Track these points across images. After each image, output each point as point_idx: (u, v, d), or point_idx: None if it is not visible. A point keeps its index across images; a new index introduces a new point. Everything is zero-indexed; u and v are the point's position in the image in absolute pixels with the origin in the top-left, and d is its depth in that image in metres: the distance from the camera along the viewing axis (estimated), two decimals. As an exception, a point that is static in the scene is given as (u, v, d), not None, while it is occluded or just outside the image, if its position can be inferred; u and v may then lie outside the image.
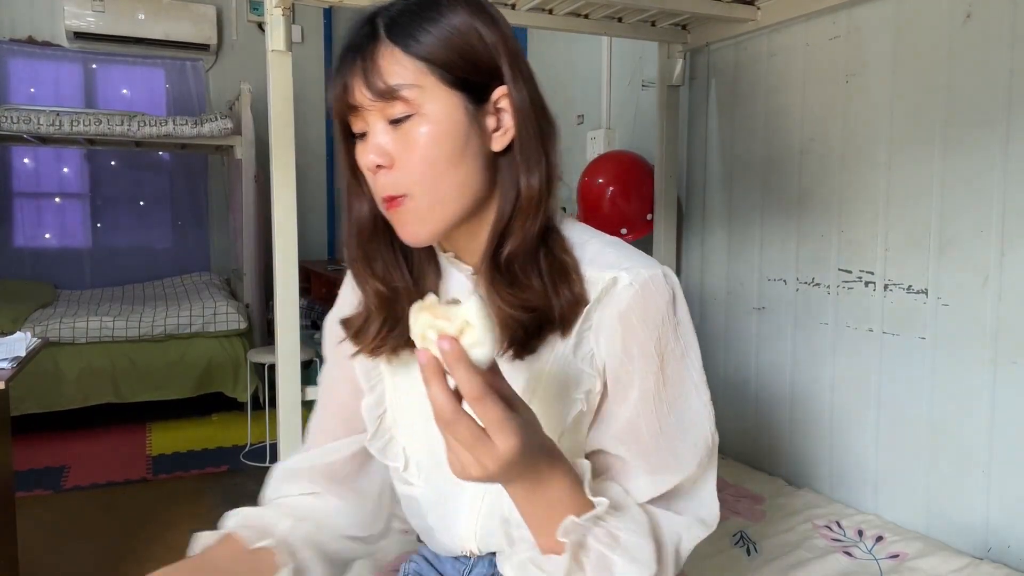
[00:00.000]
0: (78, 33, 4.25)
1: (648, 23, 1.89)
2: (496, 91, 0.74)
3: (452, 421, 0.59)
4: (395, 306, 0.81)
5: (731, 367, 1.97)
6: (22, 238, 4.47)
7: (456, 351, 0.58)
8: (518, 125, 0.74)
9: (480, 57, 0.73)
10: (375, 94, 0.71)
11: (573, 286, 0.75)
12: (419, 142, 0.71)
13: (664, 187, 2.06)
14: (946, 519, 1.42)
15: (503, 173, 0.76)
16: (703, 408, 0.76)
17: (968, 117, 1.36)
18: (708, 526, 0.77)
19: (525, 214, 0.74)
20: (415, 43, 0.71)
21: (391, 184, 0.72)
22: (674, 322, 0.75)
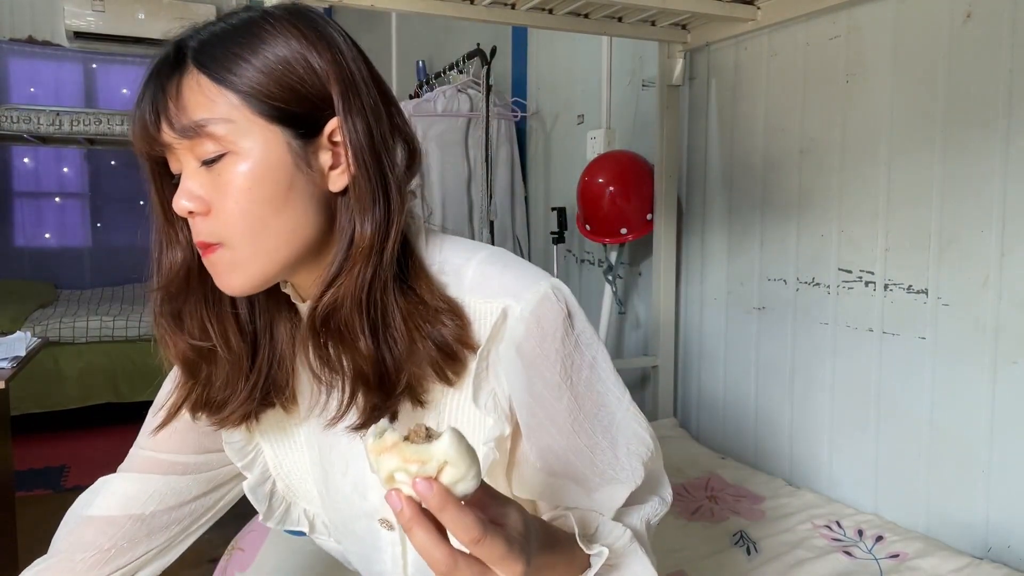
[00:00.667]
0: (78, 33, 4.26)
1: (648, 23, 1.89)
2: (328, 124, 0.65)
3: (450, 571, 0.51)
4: (209, 371, 0.72)
5: (731, 367, 1.97)
6: (22, 238, 4.47)
7: (441, 496, 0.49)
8: (354, 164, 0.64)
9: (305, 87, 0.63)
10: (178, 131, 0.62)
11: (445, 331, 0.66)
12: (235, 185, 0.62)
13: (664, 187, 2.06)
14: (946, 519, 1.42)
15: (341, 216, 0.66)
16: (626, 410, 0.72)
17: (968, 117, 1.36)
18: (667, 502, 0.76)
19: (354, 262, 0.64)
20: (225, 71, 0.62)
21: (206, 231, 0.64)
22: (574, 337, 0.69)
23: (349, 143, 0.64)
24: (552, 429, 0.69)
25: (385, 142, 0.66)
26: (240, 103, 0.62)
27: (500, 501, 0.55)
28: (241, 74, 0.62)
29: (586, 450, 0.70)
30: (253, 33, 0.64)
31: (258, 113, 0.62)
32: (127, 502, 0.82)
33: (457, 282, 0.69)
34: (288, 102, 0.63)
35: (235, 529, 1.47)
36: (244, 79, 0.62)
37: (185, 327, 0.70)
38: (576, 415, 0.69)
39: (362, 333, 0.65)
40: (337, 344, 0.66)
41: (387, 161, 0.66)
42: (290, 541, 1.33)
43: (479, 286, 0.68)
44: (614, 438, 0.71)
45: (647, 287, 2.30)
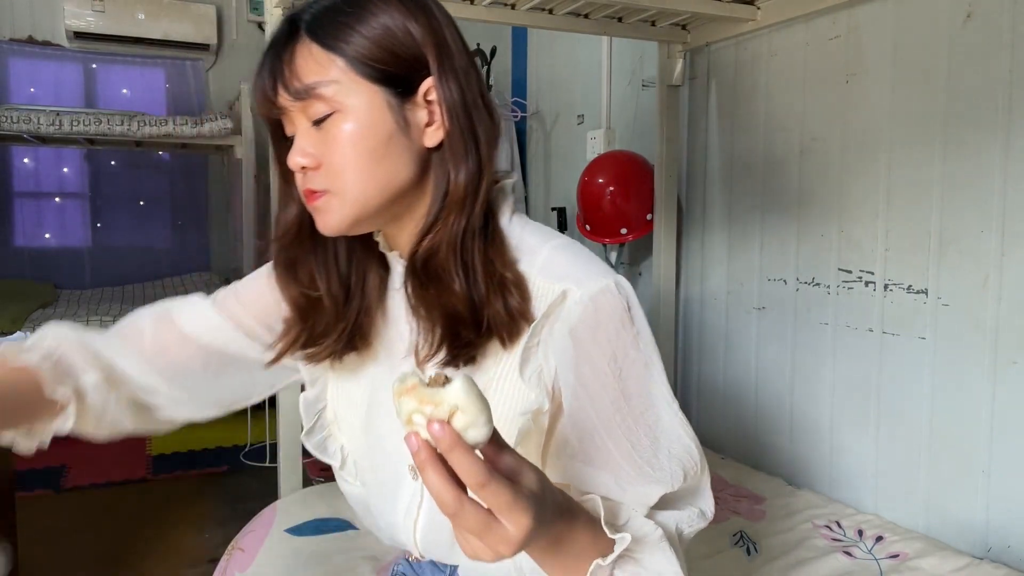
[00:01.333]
0: (78, 33, 4.25)
1: (648, 23, 1.89)
2: (423, 84, 0.71)
3: (456, 512, 0.53)
4: (315, 316, 0.79)
5: (731, 367, 1.97)
6: (22, 238, 4.47)
7: (450, 438, 0.51)
8: (448, 120, 0.71)
9: (403, 48, 0.70)
10: (292, 94, 0.69)
11: (510, 299, 0.71)
12: (341, 140, 0.69)
13: (664, 187, 2.06)
14: (946, 519, 1.42)
15: (435, 169, 0.73)
16: (675, 415, 0.73)
17: (968, 117, 1.36)
18: (707, 517, 0.75)
19: (449, 211, 0.71)
20: (332, 39, 0.69)
21: (315, 181, 0.71)
22: (632, 332, 0.71)
23: (443, 101, 0.71)
24: (592, 414, 0.71)
25: (475, 102, 0.73)
26: (346, 66, 0.69)
27: (517, 459, 0.57)
28: (346, 40, 0.69)
29: (625, 442, 0.71)
30: (359, 4, 0.70)
31: (361, 75, 0.69)
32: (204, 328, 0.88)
33: (529, 260, 0.74)
34: (388, 64, 0.69)
35: (235, 529, 1.47)
36: (351, 45, 0.69)
37: (298, 276, 0.78)
38: (620, 406, 0.70)
39: (456, 275, 0.70)
40: (435, 285, 0.71)
41: (477, 119, 0.72)
42: (290, 541, 1.33)
43: (547, 267, 0.73)
44: (656, 438, 0.72)
45: (647, 287, 2.30)
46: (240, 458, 3.16)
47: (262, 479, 2.88)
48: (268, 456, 3.08)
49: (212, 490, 2.79)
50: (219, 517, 2.53)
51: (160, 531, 2.43)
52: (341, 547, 1.29)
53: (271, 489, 1.64)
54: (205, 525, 2.47)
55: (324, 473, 2.94)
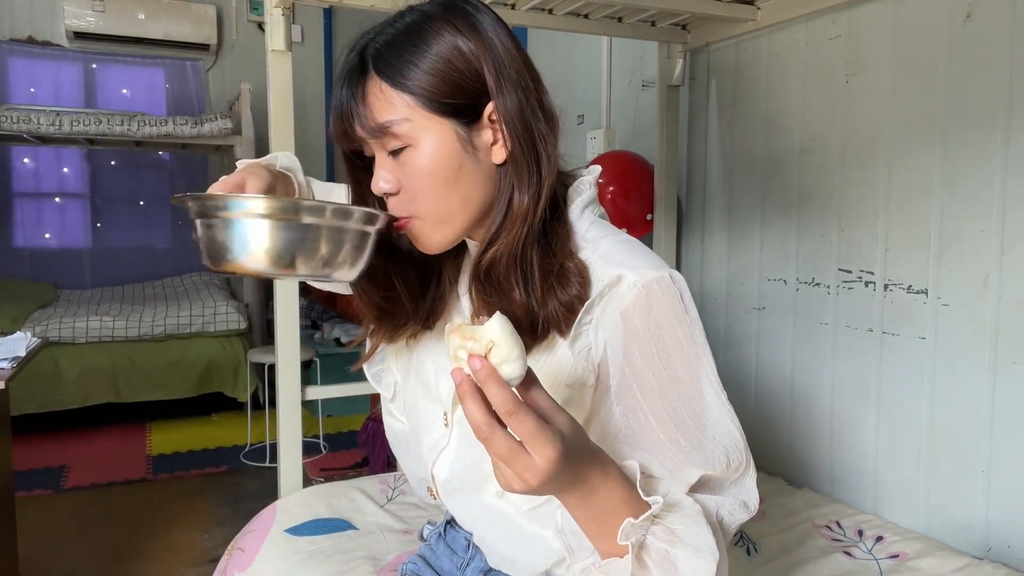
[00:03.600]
0: (78, 33, 4.26)
1: (648, 23, 1.89)
2: (487, 108, 0.75)
3: (488, 437, 0.59)
4: (395, 313, 0.85)
5: (731, 367, 1.97)
6: (22, 238, 4.47)
7: (486, 369, 0.58)
8: (510, 138, 0.75)
9: (465, 79, 0.74)
10: (368, 132, 0.74)
11: (568, 289, 0.75)
12: (416, 170, 0.74)
13: (664, 187, 2.06)
14: (946, 519, 1.42)
15: (501, 183, 0.77)
16: (723, 407, 0.75)
17: (968, 117, 1.36)
18: (750, 510, 0.77)
19: (512, 225, 0.75)
20: (401, 77, 0.73)
21: (398, 207, 0.76)
22: (686, 322, 0.74)
23: (504, 122, 0.75)
24: (638, 394, 0.73)
25: (534, 113, 0.76)
26: (415, 103, 0.73)
27: (551, 403, 0.62)
28: (413, 78, 0.73)
29: (670, 423, 0.73)
30: (417, 35, 0.74)
31: (430, 110, 0.73)
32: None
33: (592, 249, 0.78)
34: (453, 97, 0.73)
35: (235, 529, 1.47)
36: (416, 82, 0.73)
37: (376, 281, 0.82)
38: (666, 388, 0.73)
39: (516, 284, 0.75)
40: (496, 293, 0.76)
41: (536, 131, 0.76)
42: (290, 541, 1.33)
43: (607, 255, 0.77)
44: (703, 425, 0.74)
45: (647, 287, 2.29)
46: (240, 458, 3.16)
47: (262, 479, 2.88)
48: (268, 456, 3.09)
49: (212, 490, 2.79)
50: (219, 517, 2.53)
51: (160, 531, 2.43)
52: (341, 547, 1.30)
53: (271, 489, 1.64)
54: (205, 525, 2.47)
55: (324, 473, 2.94)
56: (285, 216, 0.67)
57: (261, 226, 0.67)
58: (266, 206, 0.67)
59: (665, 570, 0.66)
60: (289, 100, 1.54)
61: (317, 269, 0.70)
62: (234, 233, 0.67)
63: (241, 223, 0.67)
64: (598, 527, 0.67)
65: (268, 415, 3.08)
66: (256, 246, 0.67)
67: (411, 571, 0.99)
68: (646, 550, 0.66)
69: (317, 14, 4.77)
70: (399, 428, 0.96)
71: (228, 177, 0.76)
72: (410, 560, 1.01)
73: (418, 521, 1.39)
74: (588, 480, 0.64)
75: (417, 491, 0.97)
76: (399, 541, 1.33)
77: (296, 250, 0.67)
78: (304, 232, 0.67)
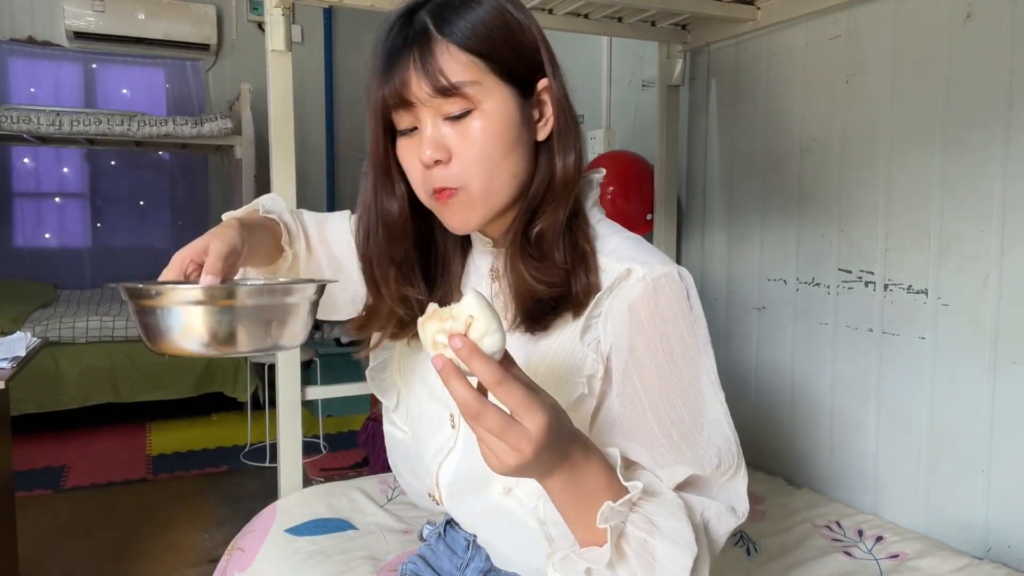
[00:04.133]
0: (78, 33, 4.25)
1: (648, 23, 1.89)
2: (540, 83, 0.77)
3: (479, 412, 0.59)
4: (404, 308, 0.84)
5: (731, 367, 1.97)
6: (22, 238, 4.47)
7: (468, 345, 0.58)
8: (557, 115, 0.77)
9: (526, 49, 0.75)
10: (435, 91, 0.71)
11: (589, 272, 0.77)
12: (477, 137, 0.73)
13: (664, 187, 2.06)
14: (946, 519, 1.42)
15: (541, 160, 0.78)
16: (720, 407, 0.75)
17: (968, 117, 1.36)
18: (739, 516, 0.76)
19: (557, 196, 0.77)
20: (468, 38, 0.72)
21: (446, 178, 0.74)
22: (690, 319, 0.75)
23: (554, 99, 0.77)
24: (638, 385, 0.74)
25: (571, 98, 0.79)
26: (485, 67, 0.73)
27: (531, 381, 0.63)
28: (483, 41, 0.73)
29: (665, 417, 0.73)
30: (481, 3, 0.74)
31: (498, 76, 0.73)
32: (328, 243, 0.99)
33: (600, 244, 0.80)
34: (517, 66, 0.75)
35: (235, 529, 1.47)
36: (486, 46, 0.73)
37: (396, 264, 0.82)
38: (666, 382, 0.73)
39: (558, 256, 0.76)
40: (543, 263, 0.76)
41: (574, 115, 0.79)
42: (290, 541, 1.33)
43: (616, 251, 0.78)
44: (700, 423, 0.74)
45: (647, 287, 2.29)
46: (240, 458, 3.16)
47: (262, 479, 2.88)
48: (268, 456, 3.09)
49: (212, 490, 2.79)
50: (219, 517, 2.53)
51: (160, 531, 2.43)
52: (341, 547, 1.30)
53: (271, 489, 1.64)
54: (205, 525, 2.47)
55: (324, 473, 2.94)
56: (214, 302, 0.68)
57: (193, 313, 0.68)
58: (195, 295, 0.68)
59: (643, 560, 0.66)
60: (289, 100, 1.54)
61: (258, 345, 0.71)
62: (169, 319, 0.69)
63: (174, 311, 0.68)
64: (579, 513, 0.67)
65: (268, 415, 3.08)
66: (188, 330, 0.68)
67: (411, 571, 0.99)
68: (625, 538, 0.67)
69: (317, 14, 4.76)
70: (400, 437, 0.95)
71: (194, 243, 0.77)
72: (410, 560, 1.01)
73: (418, 521, 1.39)
74: (571, 458, 0.65)
75: (417, 499, 0.97)
76: (399, 541, 1.33)
77: (232, 331, 0.69)
78: (235, 314, 0.69)
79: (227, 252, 0.75)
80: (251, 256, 0.86)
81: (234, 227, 0.80)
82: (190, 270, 0.75)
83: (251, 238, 0.83)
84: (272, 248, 0.93)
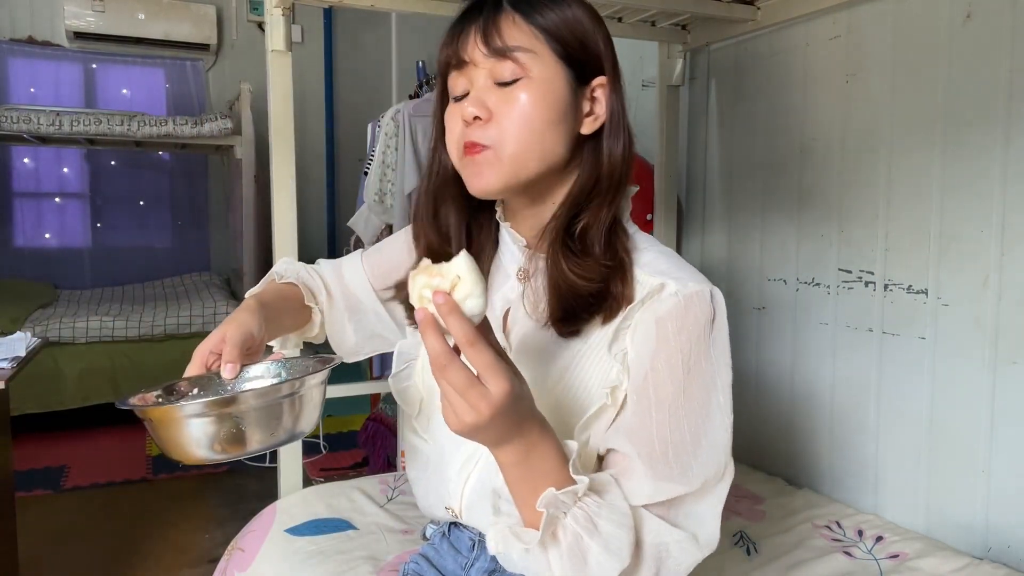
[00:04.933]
0: (78, 33, 4.25)
1: (648, 23, 1.89)
2: (596, 79, 0.79)
3: (446, 365, 0.62)
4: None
5: (731, 368, 1.97)
6: (22, 238, 4.47)
7: (449, 303, 0.62)
8: (610, 114, 0.79)
9: (590, 42, 0.78)
10: (490, 50, 0.75)
11: (625, 282, 0.77)
12: (521, 103, 0.75)
13: (664, 187, 2.06)
14: (946, 519, 1.42)
15: (585, 154, 0.80)
16: (723, 433, 0.76)
17: (968, 117, 1.36)
18: (702, 546, 0.75)
19: (603, 192, 0.78)
20: (535, 13, 0.76)
21: (481, 135, 0.76)
22: (708, 342, 0.75)
23: (609, 100, 0.79)
24: (652, 397, 0.74)
25: (625, 112, 0.81)
26: (544, 40, 0.76)
27: (504, 355, 0.66)
28: (548, 17, 0.76)
29: (668, 435, 0.73)
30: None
31: (554, 51, 0.76)
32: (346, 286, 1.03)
33: (635, 256, 0.80)
34: (576, 50, 0.77)
35: (235, 529, 1.47)
36: (550, 21, 0.76)
37: (440, 222, 0.85)
38: (676, 404, 0.74)
39: (600, 255, 0.77)
40: (583, 259, 0.77)
41: (626, 114, 0.81)
42: (290, 541, 1.33)
43: (650, 265, 0.79)
44: (698, 447, 0.74)
45: (647, 287, 2.29)
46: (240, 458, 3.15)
47: (262, 479, 2.88)
48: (268, 456, 3.08)
49: (212, 490, 2.79)
50: (219, 517, 2.52)
51: (160, 531, 2.43)
52: (341, 547, 1.30)
53: (271, 489, 1.64)
54: (205, 525, 2.47)
55: (324, 473, 2.94)
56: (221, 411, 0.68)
57: (196, 424, 0.68)
58: (198, 408, 0.68)
59: (574, 556, 0.68)
60: (289, 100, 1.54)
61: (273, 441, 0.72)
62: (174, 432, 0.69)
63: (179, 424, 0.69)
64: (526, 493, 0.68)
65: (268, 415, 3.07)
66: (197, 441, 0.69)
67: (413, 571, 0.99)
68: (563, 528, 0.68)
69: (317, 14, 4.76)
70: (422, 446, 0.94)
71: (211, 334, 0.79)
72: (412, 560, 1.01)
73: (418, 521, 1.39)
74: (528, 435, 0.67)
75: (428, 510, 0.96)
76: (399, 541, 1.33)
77: (242, 435, 0.69)
78: (241, 420, 0.69)
79: (243, 339, 0.78)
80: (279, 326, 0.91)
81: (250, 309, 0.84)
82: (211, 361, 0.77)
83: (274, 310, 0.87)
84: (299, 310, 0.97)
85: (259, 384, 0.79)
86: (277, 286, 0.98)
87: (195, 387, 0.78)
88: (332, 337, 1.04)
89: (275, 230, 1.55)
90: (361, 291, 1.02)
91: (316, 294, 1.00)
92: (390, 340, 1.03)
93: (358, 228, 2.34)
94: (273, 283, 0.99)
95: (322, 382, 0.75)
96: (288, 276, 0.99)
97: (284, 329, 0.96)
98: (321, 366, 0.77)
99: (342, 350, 1.05)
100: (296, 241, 1.55)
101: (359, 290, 1.02)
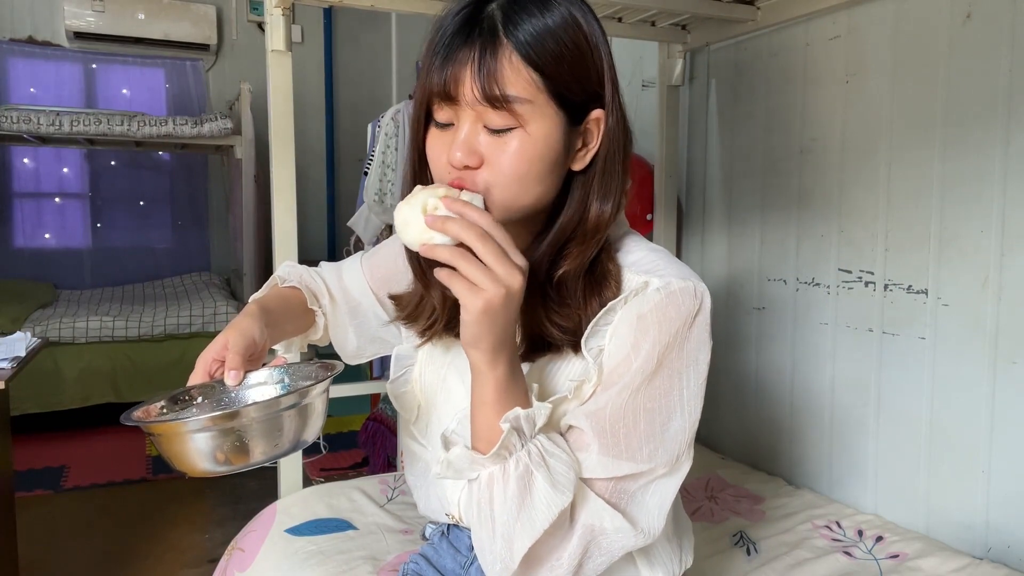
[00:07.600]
0: (78, 33, 4.25)
1: (648, 23, 1.89)
2: (592, 113, 0.73)
3: (482, 235, 0.65)
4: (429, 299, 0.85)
5: (731, 367, 1.97)
6: (22, 238, 4.47)
7: (460, 201, 0.65)
8: (604, 148, 0.74)
9: (590, 76, 0.72)
10: (486, 98, 0.68)
11: (605, 293, 0.75)
12: (513, 155, 0.70)
13: (664, 187, 2.06)
14: (946, 519, 1.42)
15: (574, 191, 0.76)
16: (682, 426, 0.75)
17: (968, 117, 1.36)
18: (640, 534, 0.74)
19: (585, 238, 0.75)
20: (535, 52, 0.68)
21: (470, 181, 0.71)
22: (684, 337, 0.74)
23: (606, 134, 0.74)
24: (619, 385, 0.74)
25: (626, 132, 0.76)
26: (543, 86, 0.69)
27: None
28: (548, 60, 0.69)
29: (623, 418, 0.74)
30: (558, 13, 0.70)
31: (552, 98, 0.70)
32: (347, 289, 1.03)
33: (623, 255, 0.79)
34: (574, 93, 0.71)
35: (235, 529, 1.47)
36: (550, 66, 0.69)
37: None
38: (636, 392, 0.74)
39: (578, 298, 0.76)
40: (559, 306, 0.76)
41: (627, 145, 0.76)
42: (290, 541, 1.33)
43: (638, 264, 0.77)
44: (652, 434, 0.74)
45: (647, 287, 2.29)
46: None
47: (262, 479, 2.88)
48: (268, 456, 3.08)
49: (212, 490, 2.79)
50: (219, 517, 2.52)
51: (160, 531, 2.43)
52: (341, 547, 1.29)
53: (271, 489, 1.63)
54: (205, 525, 2.47)
55: (324, 473, 2.94)
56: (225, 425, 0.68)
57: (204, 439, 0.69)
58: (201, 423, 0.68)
59: (521, 484, 0.69)
60: (289, 100, 1.54)
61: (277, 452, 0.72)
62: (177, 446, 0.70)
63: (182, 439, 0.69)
64: (487, 413, 0.71)
65: (268, 415, 3.07)
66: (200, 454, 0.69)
67: (413, 570, 0.99)
68: (515, 457, 0.70)
69: (317, 14, 4.76)
70: (420, 452, 0.94)
71: (214, 341, 0.78)
72: (412, 559, 1.01)
73: (418, 521, 1.39)
74: (505, 346, 0.69)
75: (433, 515, 0.96)
76: (399, 541, 1.33)
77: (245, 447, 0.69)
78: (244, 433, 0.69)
79: (245, 345, 0.77)
80: (282, 330, 0.91)
81: (252, 314, 0.83)
82: (214, 369, 0.77)
83: (276, 315, 0.87)
84: (302, 314, 0.97)
85: (263, 390, 0.79)
86: (280, 290, 0.98)
87: (199, 395, 0.78)
88: (335, 340, 1.05)
89: (275, 230, 1.55)
90: (361, 294, 1.02)
91: (319, 297, 1.00)
92: (391, 343, 1.03)
93: (358, 228, 2.34)
94: (276, 287, 0.99)
95: (324, 391, 0.75)
96: (291, 280, 0.99)
97: (287, 333, 0.95)
98: (323, 372, 0.77)
99: (345, 353, 1.05)
100: (296, 241, 1.55)
101: (359, 293, 1.02)
